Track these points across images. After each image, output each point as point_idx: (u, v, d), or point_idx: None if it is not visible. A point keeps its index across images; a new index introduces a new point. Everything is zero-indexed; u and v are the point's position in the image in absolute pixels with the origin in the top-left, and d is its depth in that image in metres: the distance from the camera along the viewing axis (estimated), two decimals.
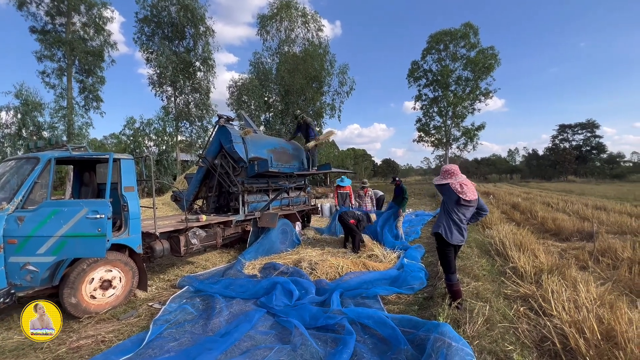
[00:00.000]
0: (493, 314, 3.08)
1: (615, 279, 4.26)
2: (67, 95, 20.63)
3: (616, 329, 2.49)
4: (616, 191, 23.64)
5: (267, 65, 26.95)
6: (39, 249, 3.24)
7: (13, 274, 3.18)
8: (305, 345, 2.77)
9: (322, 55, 25.94)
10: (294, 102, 25.31)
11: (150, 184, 4.53)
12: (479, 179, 63.38)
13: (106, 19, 21.66)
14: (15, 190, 3.30)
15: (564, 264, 4.43)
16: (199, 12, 23.30)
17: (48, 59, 20.32)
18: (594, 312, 2.82)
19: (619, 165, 59.45)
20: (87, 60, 20.79)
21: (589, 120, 59.23)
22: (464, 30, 32.59)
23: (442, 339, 2.35)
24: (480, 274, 4.38)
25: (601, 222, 8.24)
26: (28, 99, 18.00)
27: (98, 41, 21.65)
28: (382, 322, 2.97)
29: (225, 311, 3.58)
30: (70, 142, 17.29)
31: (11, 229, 3.13)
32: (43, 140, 13.57)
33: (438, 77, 34.07)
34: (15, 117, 17.97)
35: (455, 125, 35.18)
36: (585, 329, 2.57)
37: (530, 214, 10.27)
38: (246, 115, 8.49)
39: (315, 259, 5.21)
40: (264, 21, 26.35)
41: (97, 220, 3.46)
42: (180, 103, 24.96)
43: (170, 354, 2.74)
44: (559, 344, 2.58)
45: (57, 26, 20.33)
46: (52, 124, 19.25)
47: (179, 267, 5.58)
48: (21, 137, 18.12)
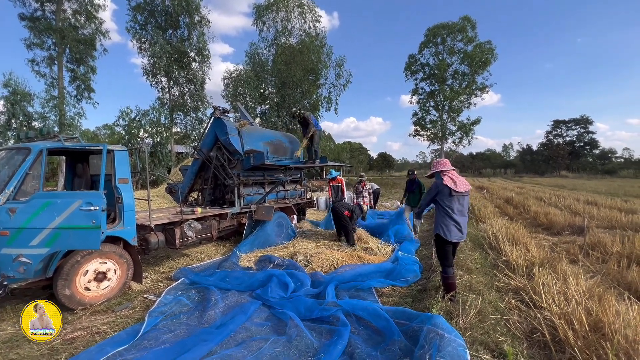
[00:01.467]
0: (485, 306, 3.14)
1: (604, 272, 4.35)
2: (58, 84, 20.15)
3: (604, 321, 2.55)
4: (607, 186, 24.06)
5: (263, 56, 26.56)
6: (32, 240, 3.20)
7: (6, 266, 3.14)
8: (301, 336, 2.80)
9: (319, 47, 25.60)
10: (290, 94, 25.04)
11: (145, 175, 4.48)
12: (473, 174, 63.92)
13: (98, 7, 21.07)
14: (6, 181, 3.24)
15: (555, 258, 4.51)
16: (193, 1, 22.78)
17: (38, 47, 19.74)
18: (582, 304, 2.89)
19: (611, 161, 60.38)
20: (78, 49, 20.24)
21: (583, 116, 59.88)
22: (461, 24, 32.39)
23: (435, 330, 2.39)
24: (473, 267, 4.45)
25: (592, 217, 8.39)
26: (17, 89, 17.57)
27: (89, 29, 21.08)
28: (376, 314, 3.01)
29: (220, 303, 3.60)
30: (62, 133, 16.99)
31: (3, 220, 3.09)
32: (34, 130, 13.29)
33: (435, 71, 33.93)
34: (5, 107, 17.57)
35: (451, 120, 35.23)
36: (574, 321, 2.63)
37: (523, 209, 10.41)
38: (242, 107, 8.39)
39: (311, 252, 5.23)
40: (260, 11, 25.86)
41: (91, 212, 3.43)
42: (175, 94, 24.58)
43: (166, 345, 2.76)
44: (549, 335, 2.64)
45: (47, 13, 19.75)
46: (43, 114, 18.85)
47: (174, 260, 5.57)
48: (11, 127, 17.74)
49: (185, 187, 6.72)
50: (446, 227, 3.34)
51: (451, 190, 3.31)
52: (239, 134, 6.26)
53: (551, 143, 61.97)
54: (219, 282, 4.21)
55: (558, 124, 62.54)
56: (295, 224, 7.56)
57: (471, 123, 34.69)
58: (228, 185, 6.19)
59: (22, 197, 3.28)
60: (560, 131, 62.69)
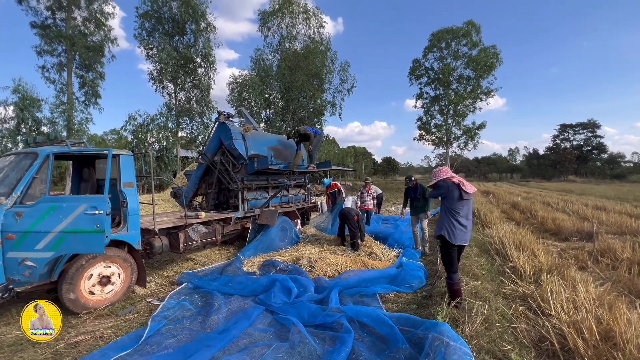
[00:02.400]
0: (492, 314, 3.07)
1: (615, 279, 4.25)
2: (67, 90, 20.54)
3: (615, 330, 2.48)
4: (616, 191, 23.65)
5: (268, 61, 26.81)
6: (37, 244, 3.23)
7: (11, 270, 3.17)
8: (304, 343, 2.77)
9: (324, 52, 25.79)
10: (295, 99, 25.19)
11: (150, 180, 4.52)
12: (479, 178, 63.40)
13: (107, 15, 21.53)
14: (13, 185, 3.28)
15: (563, 264, 4.43)
16: (200, 8, 23.15)
17: (48, 53, 20.18)
18: (592, 312, 2.82)
19: (620, 165, 59.44)
20: (88, 56, 20.66)
21: (590, 120, 59.15)
22: (466, 29, 32.40)
23: (440, 338, 2.34)
24: (480, 273, 4.37)
25: (601, 222, 8.23)
26: (25, 95, 17.95)
27: (98, 36, 21.52)
28: (380, 320, 2.97)
29: (223, 308, 3.58)
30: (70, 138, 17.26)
31: (9, 224, 3.12)
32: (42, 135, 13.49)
33: (439, 76, 33.90)
34: (14, 112, 17.93)
35: (456, 124, 35.07)
36: (584, 329, 2.56)
37: (530, 214, 10.27)
38: (246, 112, 8.45)
39: (315, 257, 5.20)
40: (265, 17, 26.17)
41: (95, 216, 3.45)
42: (182, 99, 24.88)
43: (168, 350, 2.74)
44: (558, 344, 2.58)
45: (57, 21, 20.21)
46: (52, 119, 19.20)
47: (178, 264, 5.58)
48: (20, 132, 18.08)
49: (189, 192, 6.75)
50: (451, 229, 3.30)
51: (461, 193, 3.28)
52: (243, 139, 6.29)
53: (558, 147, 61.30)
54: (222, 286, 4.20)
55: (565, 128, 61.89)
56: (299, 228, 7.53)
57: (476, 127, 34.48)
58: (232, 189, 6.21)
59: (29, 201, 3.32)
60: (567, 135, 62.03)
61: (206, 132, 24.35)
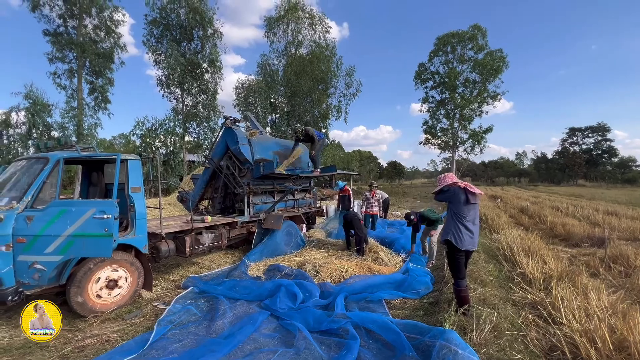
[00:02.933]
0: (501, 321, 3.01)
1: (628, 286, 4.14)
2: (78, 96, 20.98)
3: (629, 339, 2.41)
4: (628, 196, 23.14)
5: (273, 67, 27.04)
6: (47, 248, 3.28)
7: (21, 273, 3.22)
8: (309, 349, 2.75)
9: (329, 57, 25.92)
10: (300, 103, 25.32)
11: (157, 184, 4.57)
12: (486, 182, 62.71)
13: (117, 22, 22.02)
14: (25, 189, 3.34)
15: (574, 271, 4.33)
16: (207, 15, 23.55)
17: (59, 60, 20.70)
18: (605, 321, 2.74)
19: (631, 169, 58.13)
20: (98, 62, 21.12)
21: (600, 124, 58.12)
22: (471, 32, 32.32)
23: (448, 346, 2.30)
24: (488, 279, 4.30)
25: (612, 228, 8.05)
26: (36, 100, 18.38)
27: (108, 43, 22.00)
28: (386, 327, 2.93)
29: (229, 313, 3.58)
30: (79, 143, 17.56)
31: (20, 228, 3.18)
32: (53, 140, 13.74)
33: (445, 79, 33.80)
34: (25, 117, 18.36)
35: (462, 128, 34.85)
36: (597, 339, 2.49)
37: (539, 219, 10.09)
38: (252, 117, 8.52)
39: (320, 262, 5.18)
40: (270, 23, 26.47)
41: (104, 220, 3.49)
42: (189, 104, 25.22)
43: (174, 355, 2.75)
44: (569, 354, 2.51)
45: (69, 28, 20.72)
46: (63, 124, 19.61)
47: (184, 268, 5.61)
48: (31, 137, 18.48)
49: (196, 196, 6.80)
50: (458, 234, 3.26)
51: (468, 197, 3.24)
52: (249, 143, 6.33)
53: (567, 151, 60.29)
54: (228, 291, 4.20)
55: (574, 131, 60.93)
56: (305, 233, 7.52)
57: (483, 131, 34.23)
58: (238, 193, 6.24)
59: (39, 205, 3.38)
60: (576, 139, 61.03)
61: (213, 136, 24.62)
